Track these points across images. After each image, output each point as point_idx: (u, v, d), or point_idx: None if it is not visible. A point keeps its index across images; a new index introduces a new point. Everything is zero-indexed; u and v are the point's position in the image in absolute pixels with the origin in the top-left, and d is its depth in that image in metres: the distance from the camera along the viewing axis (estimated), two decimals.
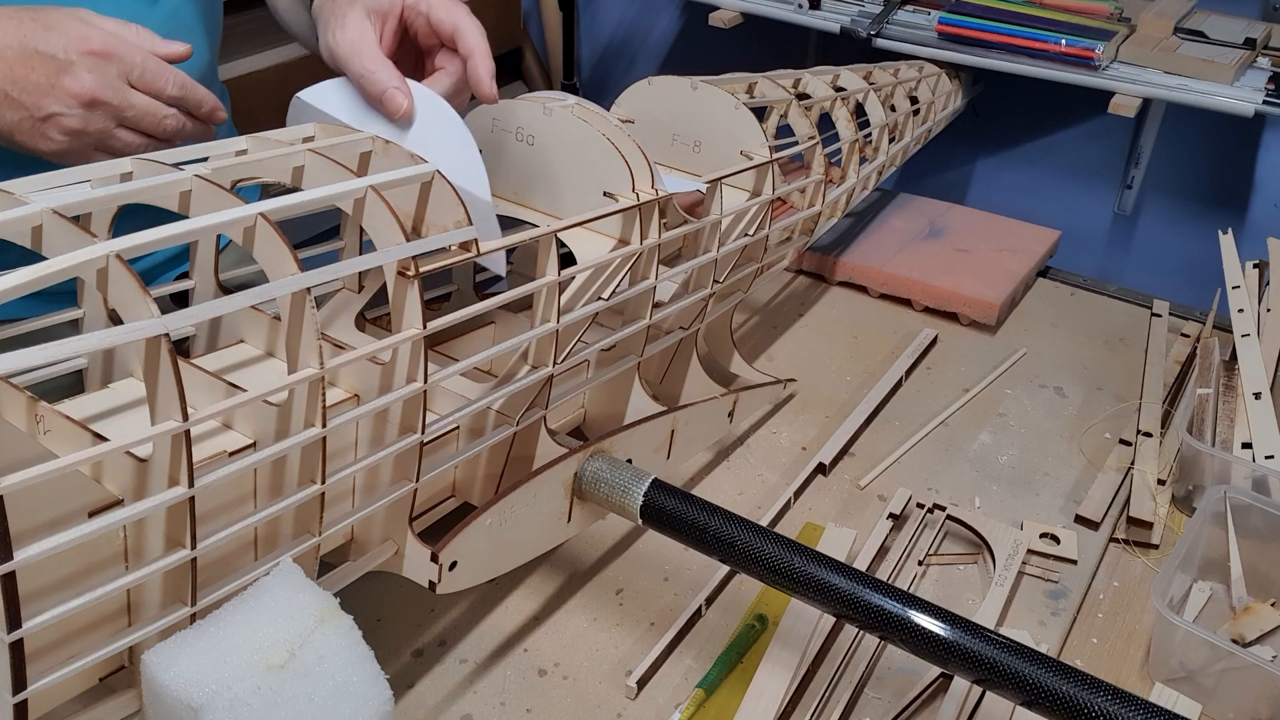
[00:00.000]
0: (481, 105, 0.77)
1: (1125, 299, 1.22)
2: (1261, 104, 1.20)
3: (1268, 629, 0.76)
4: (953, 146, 1.59)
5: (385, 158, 0.64)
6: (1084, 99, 1.30)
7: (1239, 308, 0.99)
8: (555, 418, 0.79)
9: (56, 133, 0.68)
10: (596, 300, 0.72)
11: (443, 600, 0.75)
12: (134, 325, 0.47)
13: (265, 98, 1.39)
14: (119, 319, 0.48)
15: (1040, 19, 1.33)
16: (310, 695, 0.50)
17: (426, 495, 0.69)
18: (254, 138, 0.65)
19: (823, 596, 0.61)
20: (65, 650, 0.49)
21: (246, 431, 0.58)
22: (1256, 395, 0.90)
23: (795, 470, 0.91)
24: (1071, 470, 0.94)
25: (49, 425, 0.53)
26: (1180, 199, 1.57)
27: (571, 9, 1.97)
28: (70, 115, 0.67)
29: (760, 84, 0.97)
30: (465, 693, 0.70)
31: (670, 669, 0.72)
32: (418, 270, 0.58)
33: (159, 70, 0.69)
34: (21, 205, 0.50)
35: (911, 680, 0.71)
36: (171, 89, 0.70)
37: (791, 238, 1.00)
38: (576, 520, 0.72)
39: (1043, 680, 0.56)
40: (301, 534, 0.58)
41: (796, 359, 1.08)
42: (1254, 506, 0.79)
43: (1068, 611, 0.79)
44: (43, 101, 0.66)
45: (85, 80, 0.66)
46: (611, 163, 0.73)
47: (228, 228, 0.53)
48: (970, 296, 1.14)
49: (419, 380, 0.59)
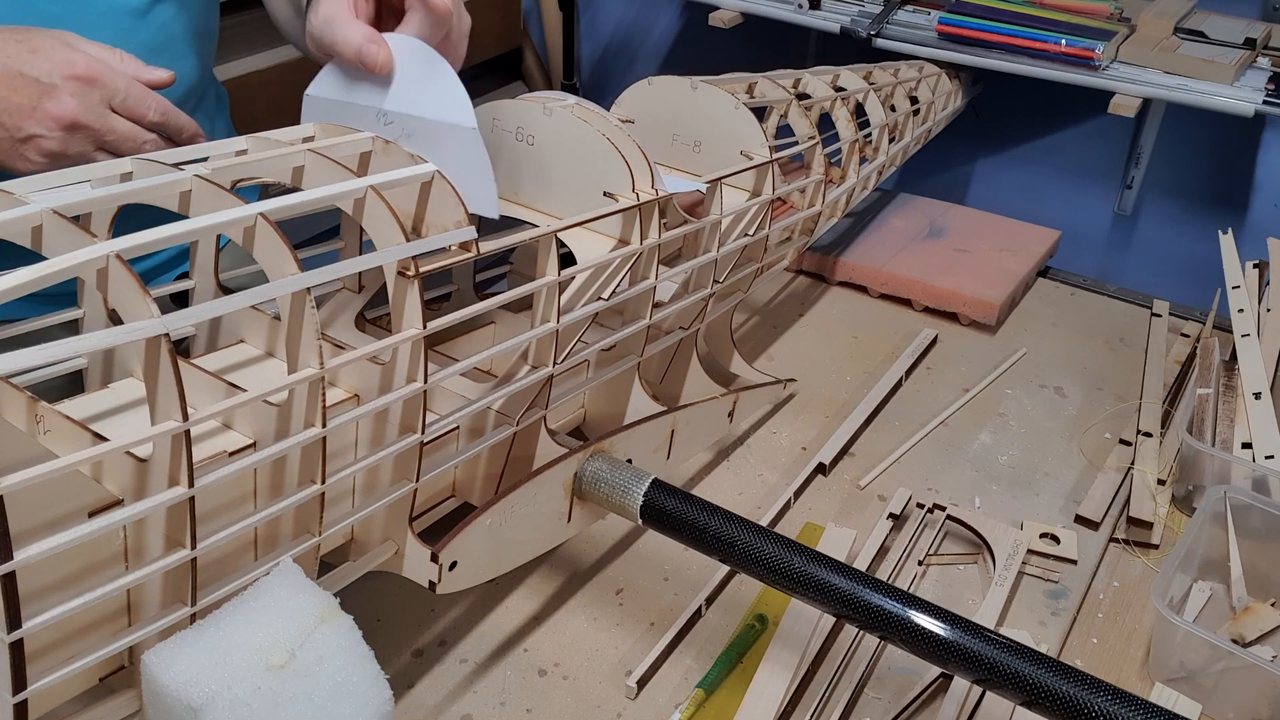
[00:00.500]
0: (482, 105, 0.77)
1: (1125, 299, 1.22)
2: (1261, 104, 1.20)
3: (1268, 629, 0.76)
4: (953, 146, 1.59)
5: (385, 158, 0.64)
6: (1084, 99, 1.30)
7: (1239, 308, 0.99)
8: (555, 418, 0.79)
9: (35, 154, 0.68)
10: (596, 300, 0.72)
11: (443, 600, 0.75)
12: (134, 325, 0.47)
13: (265, 98, 1.40)
14: (119, 319, 0.48)
15: (1040, 19, 1.33)
16: (310, 695, 0.50)
17: (426, 495, 0.69)
18: (254, 138, 0.65)
19: (823, 596, 0.61)
20: (65, 650, 0.49)
21: (246, 431, 0.58)
22: (1256, 395, 0.90)
23: (795, 470, 0.91)
24: (1071, 470, 0.94)
25: (49, 425, 0.53)
26: (1180, 199, 1.57)
27: (571, 9, 1.97)
28: (50, 138, 0.67)
29: (760, 84, 0.97)
30: (465, 693, 0.70)
31: (670, 669, 0.72)
32: (418, 270, 0.58)
33: (142, 96, 0.70)
34: (21, 205, 0.50)
35: (911, 680, 0.71)
36: (153, 115, 0.70)
37: (791, 238, 1.00)
38: (576, 520, 0.71)
39: (1043, 680, 0.56)
40: (301, 534, 0.58)
41: (796, 359, 1.08)
42: (1254, 506, 0.79)
43: (1068, 611, 0.79)
44: (24, 123, 0.67)
45: (68, 104, 0.67)
46: (611, 163, 0.73)
47: (228, 228, 0.53)
48: (970, 296, 1.14)
49: (419, 380, 0.59)
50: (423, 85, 0.69)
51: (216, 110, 0.99)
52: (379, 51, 0.68)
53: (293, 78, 0.73)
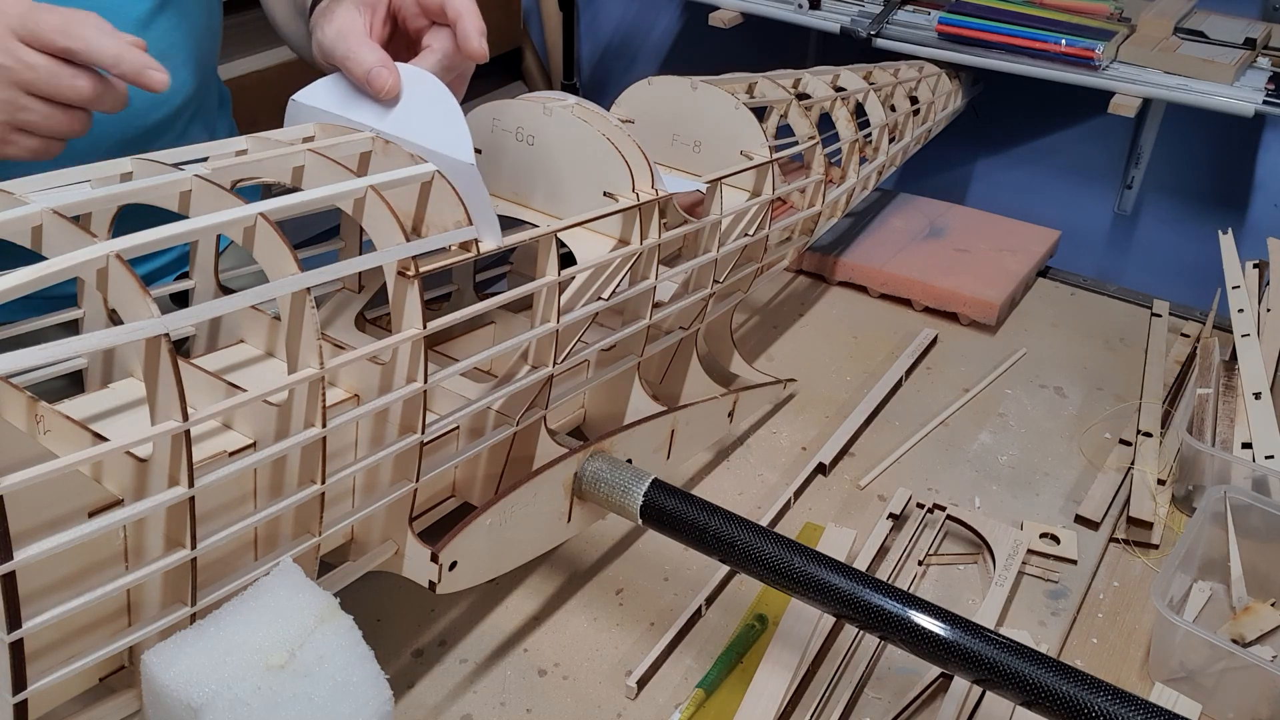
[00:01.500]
0: (482, 105, 0.77)
1: (1125, 299, 1.22)
2: (1261, 104, 1.20)
3: (1268, 629, 0.76)
4: (953, 146, 1.59)
5: (385, 158, 0.64)
6: (1084, 99, 1.30)
7: (1239, 308, 0.99)
8: (555, 418, 0.79)
9: None
10: (596, 300, 0.72)
11: (443, 600, 0.75)
12: (134, 325, 0.47)
13: (265, 98, 1.39)
14: (119, 319, 0.48)
15: (1040, 19, 1.33)
16: (310, 695, 0.50)
17: (426, 495, 0.69)
18: (254, 138, 0.65)
19: (823, 596, 0.61)
20: (65, 650, 0.49)
21: (246, 431, 0.58)
22: (1256, 395, 0.90)
23: (795, 470, 0.91)
24: (1071, 470, 0.94)
25: (49, 425, 0.53)
26: (1180, 199, 1.57)
27: (571, 9, 1.97)
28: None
29: (760, 84, 0.97)
30: (465, 693, 0.70)
31: (670, 669, 0.72)
32: (418, 270, 0.58)
33: (42, 20, 0.61)
34: (21, 205, 0.50)
35: (911, 680, 0.71)
36: (61, 39, 0.61)
37: (791, 238, 1.00)
38: (576, 520, 0.71)
39: (1043, 680, 0.56)
40: (301, 534, 0.58)
41: (796, 359, 1.08)
42: (1254, 506, 0.79)
43: (1068, 611, 0.79)
44: None
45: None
46: (611, 163, 0.73)
47: (228, 228, 0.53)
48: (970, 296, 1.14)
49: (419, 380, 0.59)
50: (425, 114, 0.68)
51: (219, 113, 0.99)
52: (389, 77, 0.68)
53: (293, 78, 0.73)
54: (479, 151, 0.78)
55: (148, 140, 0.84)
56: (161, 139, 0.86)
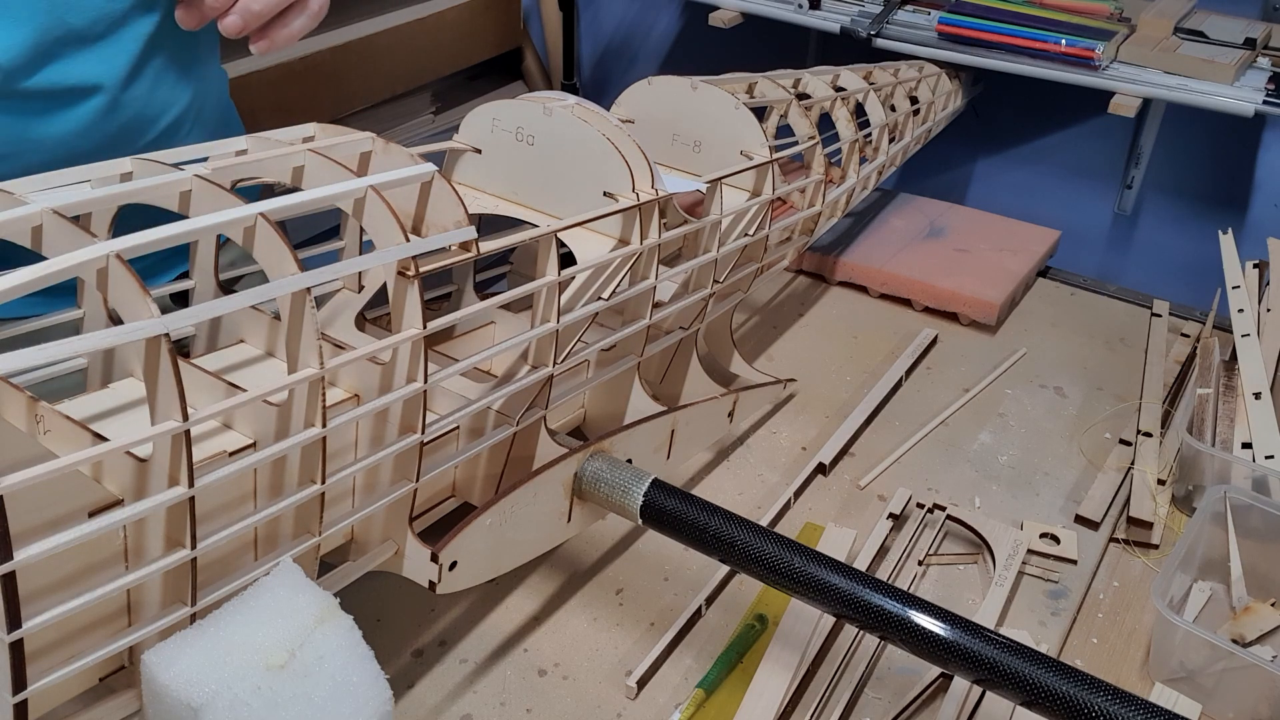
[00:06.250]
0: (482, 105, 0.77)
1: (1125, 299, 1.22)
2: (1261, 104, 1.20)
3: (1268, 629, 0.76)
4: (953, 146, 1.59)
5: (385, 157, 0.64)
6: (1084, 99, 1.30)
7: (1239, 308, 0.99)
8: (555, 418, 0.79)
9: None
10: (596, 300, 0.72)
11: (443, 600, 0.75)
12: (134, 325, 0.47)
13: (265, 98, 1.40)
14: (119, 319, 0.48)
15: (1040, 19, 1.33)
16: (310, 695, 0.50)
17: (426, 495, 0.69)
18: (254, 138, 0.65)
19: (823, 596, 0.61)
20: (65, 650, 0.49)
21: (246, 431, 0.58)
22: (1256, 395, 0.90)
23: (795, 470, 0.91)
24: (1071, 470, 0.94)
25: (49, 425, 0.53)
26: (1180, 199, 1.57)
27: (571, 9, 1.97)
28: None
29: (760, 84, 0.97)
30: (465, 693, 0.70)
31: (670, 669, 0.72)
32: (418, 270, 0.58)
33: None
34: (21, 205, 0.50)
35: (911, 680, 0.71)
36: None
37: (791, 238, 1.00)
38: (576, 520, 0.71)
39: (1043, 680, 0.56)
40: (301, 534, 0.58)
41: (796, 359, 1.08)
42: (1254, 506, 0.79)
43: (1068, 611, 0.79)
44: None
45: None
46: (611, 163, 0.73)
47: (228, 228, 0.53)
48: (970, 296, 1.14)
49: (419, 380, 0.59)
50: None
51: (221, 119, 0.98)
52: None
53: (293, 78, 0.73)
54: (479, 152, 0.78)
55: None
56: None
